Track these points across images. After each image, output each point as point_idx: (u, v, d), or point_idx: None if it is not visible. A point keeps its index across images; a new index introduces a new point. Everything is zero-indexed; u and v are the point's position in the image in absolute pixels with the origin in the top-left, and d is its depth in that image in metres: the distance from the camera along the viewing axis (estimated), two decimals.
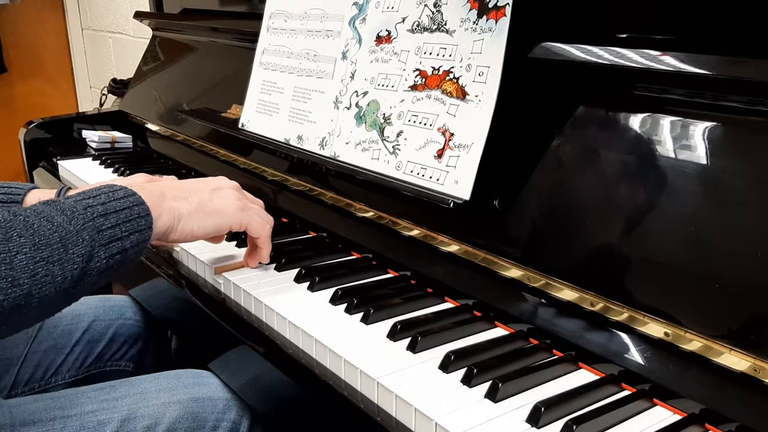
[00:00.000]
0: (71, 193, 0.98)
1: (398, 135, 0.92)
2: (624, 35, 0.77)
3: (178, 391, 0.88)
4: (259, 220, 0.88)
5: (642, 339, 0.68)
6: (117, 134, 1.70)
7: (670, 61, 0.69)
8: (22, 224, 0.66)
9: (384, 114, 0.95)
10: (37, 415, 0.81)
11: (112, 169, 1.48)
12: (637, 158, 0.72)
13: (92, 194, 0.74)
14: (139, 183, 0.85)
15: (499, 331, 0.78)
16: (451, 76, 0.87)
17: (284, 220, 1.13)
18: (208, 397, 0.89)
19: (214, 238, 0.94)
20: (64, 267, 0.67)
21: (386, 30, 0.97)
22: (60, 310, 0.72)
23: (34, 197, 0.98)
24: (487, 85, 0.82)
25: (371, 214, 0.97)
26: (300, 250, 0.99)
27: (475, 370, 0.67)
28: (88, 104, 3.23)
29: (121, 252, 0.72)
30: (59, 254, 0.66)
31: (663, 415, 0.64)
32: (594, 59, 0.75)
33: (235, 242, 1.03)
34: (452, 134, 0.85)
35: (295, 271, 0.91)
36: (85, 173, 1.45)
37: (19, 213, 0.67)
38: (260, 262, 0.93)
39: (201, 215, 0.83)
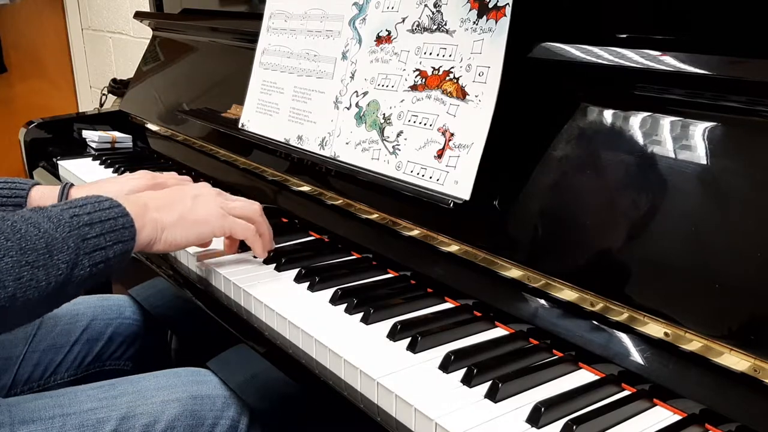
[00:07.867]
0: (73, 190, 0.99)
1: (398, 135, 0.92)
2: (624, 35, 0.77)
3: (177, 389, 0.88)
4: (241, 224, 0.90)
5: (642, 339, 0.68)
6: (117, 134, 1.70)
7: (670, 61, 0.69)
8: (9, 228, 0.68)
9: (384, 114, 0.95)
10: (37, 413, 0.81)
11: (112, 169, 1.48)
12: (637, 158, 0.72)
13: (79, 203, 0.76)
14: (124, 194, 0.86)
15: (499, 331, 0.78)
16: (451, 76, 0.87)
17: (284, 220, 1.13)
18: (207, 395, 0.89)
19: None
20: (48, 272, 0.68)
21: (386, 30, 0.97)
22: (40, 316, 0.74)
23: (37, 193, 0.99)
24: (487, 85, 0.82)
25: (371, 214, 0.97)
26: (300, 250, 0.99)
27: (475, 370, 0.67)
28: (88, 104, 3.23)
29: (104, 261, 0.74)
30: (44, 259, 0.68)
31: (663, 415, 0.64)
32: (594, 59, 0.75)
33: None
34: (452, 134, 0.85)
35: (295, 271, 0.91)
36: (85, 173, 1.45)
37: (7, 218, 0.69)
38: (264, 261, 0.94)
39: (184, 225, 0.85)
